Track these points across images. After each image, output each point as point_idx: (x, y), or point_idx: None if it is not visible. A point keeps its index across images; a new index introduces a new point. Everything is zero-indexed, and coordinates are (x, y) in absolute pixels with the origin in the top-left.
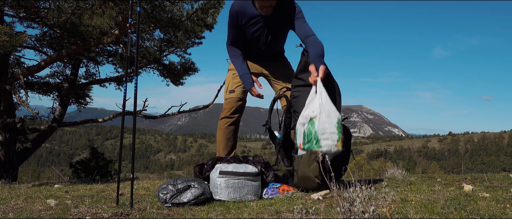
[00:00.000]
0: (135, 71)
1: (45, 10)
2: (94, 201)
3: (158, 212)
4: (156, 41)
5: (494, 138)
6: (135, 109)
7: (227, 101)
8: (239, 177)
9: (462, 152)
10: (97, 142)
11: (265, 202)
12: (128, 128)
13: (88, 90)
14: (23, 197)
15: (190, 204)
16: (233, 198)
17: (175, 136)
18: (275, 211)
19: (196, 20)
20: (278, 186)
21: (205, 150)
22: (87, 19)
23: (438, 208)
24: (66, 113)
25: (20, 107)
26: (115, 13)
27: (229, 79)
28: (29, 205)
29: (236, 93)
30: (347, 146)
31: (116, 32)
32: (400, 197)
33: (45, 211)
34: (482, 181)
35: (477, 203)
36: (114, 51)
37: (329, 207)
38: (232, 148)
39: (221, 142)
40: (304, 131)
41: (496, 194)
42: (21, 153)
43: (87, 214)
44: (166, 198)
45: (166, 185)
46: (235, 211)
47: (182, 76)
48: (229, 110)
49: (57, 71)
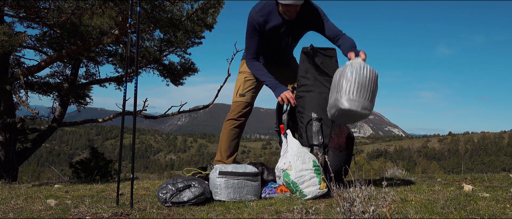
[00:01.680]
0: (135, 71)
1: (45, 10)
2: (94, 201)
3: (158, 212)
4: (156, 41)
5: (494, 138)
6: (135, 109)
7: (236, 104)
8: (238, 177)
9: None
10: (97, 142)
11: (265, 202)
12: (128, 127)
13: (88, 90)
14: (23, 197)
15: (190, 204)
16: (233, 198)
17: (175, 136)
18: (275, 211)
19: (196, 20)
20: (276, 186)
21: (205, 150)
22: (87, 19)
23: (438, 208)
24: (66, 113)
25: (20, 107)
26: (115, 13)
27: (241, 83)
28: (29, 205)
29: (246, 98)
30: (350, 148)
31: (116, 32)
32: (400, 197)
33: (45, 211)
34: (482, 181)
35: (477, 203)
36: (114, 51)
37: (329, 207)
38: (234, 149)
39: (225, 142)
40: (286, 181)
41: (496, 194)
42: (21, 153)
43: (87, 214)
44: (166, 197)
45: (165, 184)
46: (235, 211)
47: (182, 76)
48: (236, 112)
49: (57, 71)
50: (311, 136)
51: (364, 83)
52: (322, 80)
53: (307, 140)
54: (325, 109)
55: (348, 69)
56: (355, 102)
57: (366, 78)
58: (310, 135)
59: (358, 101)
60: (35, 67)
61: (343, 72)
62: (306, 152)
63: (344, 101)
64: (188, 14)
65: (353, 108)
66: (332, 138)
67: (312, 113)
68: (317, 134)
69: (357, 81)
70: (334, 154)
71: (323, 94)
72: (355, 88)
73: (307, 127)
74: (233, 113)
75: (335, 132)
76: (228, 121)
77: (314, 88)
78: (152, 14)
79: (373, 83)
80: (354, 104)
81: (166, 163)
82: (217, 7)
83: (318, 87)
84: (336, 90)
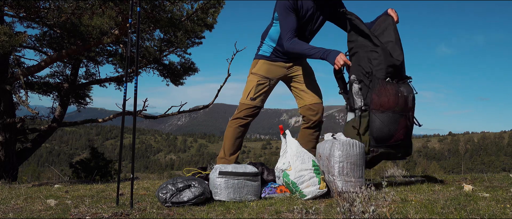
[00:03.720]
0: (135, 71)
1: (45, 10)
2: (94, 201)
3: (158, 212)
4: (156, 41)
5: (494, 137)
6: (135, 109)
7: (245, 106)
8: (238, 177)
9: (462, 152)
10: (97, 142)
11: (265, 202)
12: (128, 128)
13: (88, 90)
14: (23, 197)
15: (190, 204)
16: (233, 198)
17: (175, 136)
18: (275, 211)
19: (196, 20)
20: (276, 186)
21: (205, 150)
22: (87, 19)
23: (438, 208)
24: (66, 113)
25: (20, 107)
26: (115, 13)
27: (253, 85)
28: (29, 205)
29: (256, 102)
30: (399, 108)
31: (116, 32)
32: (400, 197)
33: (45, 211)
34: (482, 181)
35: (477, 203)
36: (114, 51)
37: (329, 207)
38: (237, 147)
39: (229, 139)
40: (285, 181)
41: (496, 194)
42: (21, 153)
43: (87, 214)
44: (165, 197)
45: (165, 184)
46: (235, 211)
47: (182, 76)
48: (244, 114)
49: (57, 71)
50: (352, 99)
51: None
52: (363, 41)
53: (353, 104)
54: (368, 68)
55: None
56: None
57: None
58: (352, 99)
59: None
60: (35, 67)
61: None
62: (305, 152)
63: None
64: (188, 14)
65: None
66: (373, 99)
67: (352, 75)
68: (358, 96)
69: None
70: (374, 116)
71: (366, 53)
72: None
73: (350, 90)
74: (241, 114)
75: (376, 91)
76: (234, 119)
77: (362, 43)
78: (152, 14)
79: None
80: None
81: (166, 163)
82: (217, 7)
83: (360, 47)
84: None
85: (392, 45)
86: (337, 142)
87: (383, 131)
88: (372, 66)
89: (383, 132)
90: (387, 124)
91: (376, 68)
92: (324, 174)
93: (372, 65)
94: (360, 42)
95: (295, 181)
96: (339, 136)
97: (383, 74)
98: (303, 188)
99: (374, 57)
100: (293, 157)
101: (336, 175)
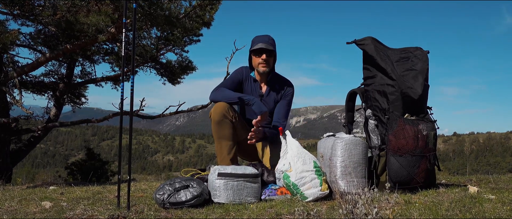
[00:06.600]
0: (131, 70)
1: (40, 7)
2: (90, 203)
3: (156, 214)
4: (153, 39)
5: (500, 138)
6: (131, 109)
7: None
8: (238, 179)
9: (467, 153)
10: (93, 142)
11: (265, 204)
12: (124, 128)
13: (84, 89)
14: (17, 199)
15: (188, 205)
16: (232, 200)
17: (173, 136)
18: (276, 214)
19: (194, 17)
20: (276, 187)
21: (203, 150)
22: (83, 17)
23: (443, 211)
24: (62, 113)
25: (14, 107)
26: (111, 11)
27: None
28: (24, 207)
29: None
30: (419, 151)
31: (112, 30)
32: (404, 199)
33: (39, 214)
34: (487, 182)
35: (483, 205)
36: (110, 49)
37: (331, 209)
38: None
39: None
40: (286, 183)
41: (502, 196)
42: (15, 154)
43: (83, 216)
44: (163, 198)
45: (162, 185)
46: (234, 213)
47: (180, 75)
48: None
49: (52, 70)
50: (368, 136)
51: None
52: (378, 72)
53: (370, 142)
54: (385, 104)
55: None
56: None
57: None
58: (367, 136)
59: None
60: (30, 66)
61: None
62: (306, 153)
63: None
64: (186, 12)
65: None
66: (390, 140)
67: (367, 110)
68: (375, 133)
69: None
70: (392, 159)
71: (382, 86)
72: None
73: (365, 126)
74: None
75: (393, 132)
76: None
77: (376, 74)
78: (149, 11)
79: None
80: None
81: (164, 164)
82: (215, 3)
83: (375, 78)
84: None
85: (414, 74)
86: (339, 141)
87: (402, 174)
88: (389, 102)
89: (402, 176)
90: (406, 167)
91: (393, 105)
92: (325, 175)
93: (388, 101)
94: (374, 72)
95: (296, 182)
96: (340, 134)
97: (400, 111)
98: (304, 190)
99: (390, 92)
100: (294, 158)
101: (338, 176)
